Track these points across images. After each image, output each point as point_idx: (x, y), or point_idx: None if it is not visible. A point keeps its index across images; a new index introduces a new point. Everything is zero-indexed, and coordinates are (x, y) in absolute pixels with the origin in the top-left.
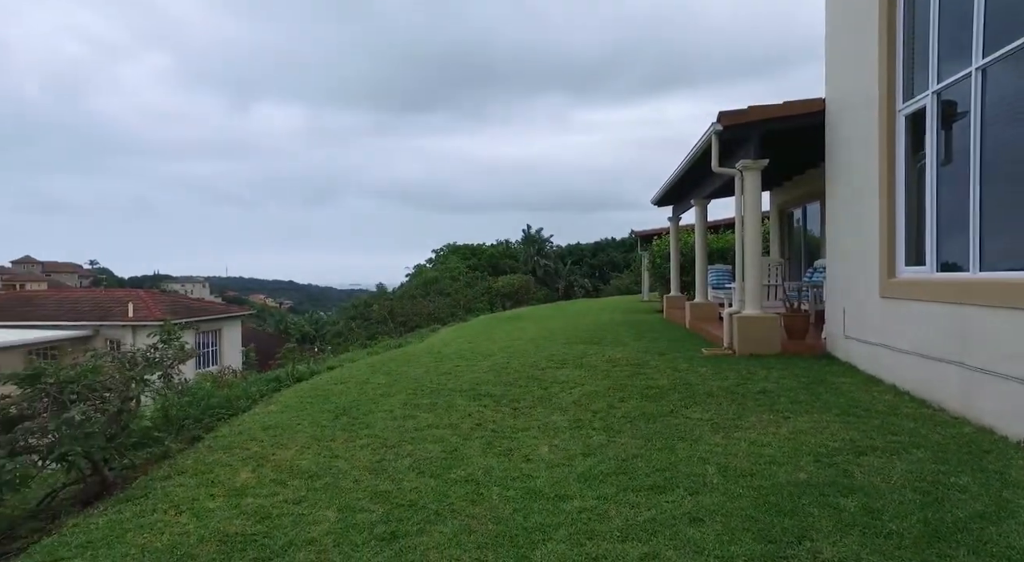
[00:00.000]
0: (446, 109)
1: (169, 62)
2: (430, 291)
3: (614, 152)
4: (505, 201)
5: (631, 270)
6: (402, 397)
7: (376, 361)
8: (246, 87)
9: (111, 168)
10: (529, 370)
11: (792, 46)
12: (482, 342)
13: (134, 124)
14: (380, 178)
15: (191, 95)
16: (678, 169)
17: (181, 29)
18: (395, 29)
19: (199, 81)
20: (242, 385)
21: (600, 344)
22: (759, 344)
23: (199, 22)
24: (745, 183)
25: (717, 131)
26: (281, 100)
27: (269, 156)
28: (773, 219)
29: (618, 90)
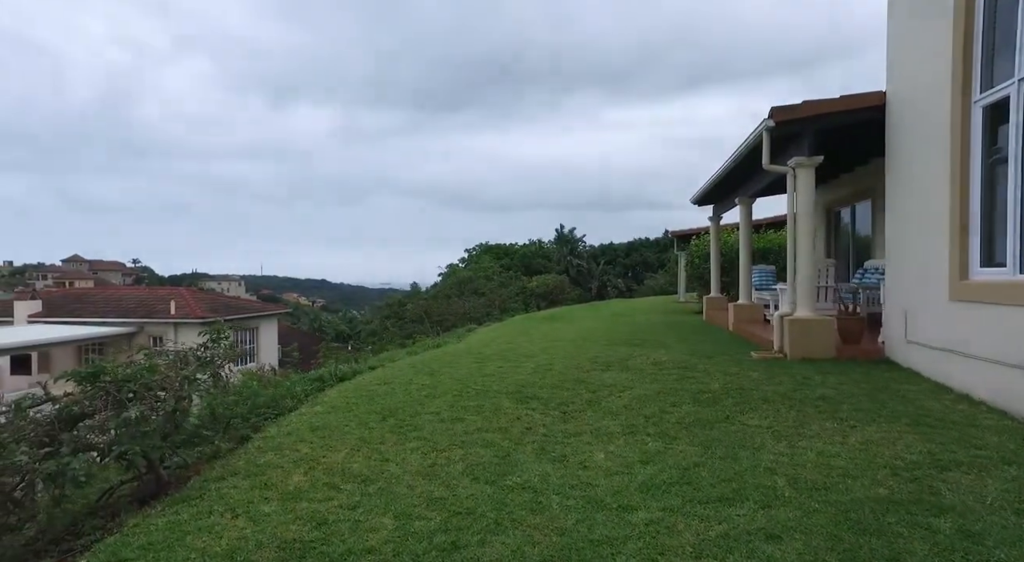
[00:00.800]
0: (477, 109)
1: (208, 66)
2: (464, 291)
3: (646, 151)
4: (536, 200)
5: (665, 270)
6: (448, 399)
7: (417, 361)
8: (282, 89)
9: (152, 170)
10: (574, 372)
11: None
12: (522, 343)
13: (175, 127)
14: (412, 178)
15: (230, 98)
16: (722, 167)
17: (219, 33)
18: (426, 30)
19: (237, 84)
20: (286, 384)
21: (642, 346)
22: (812, 348)
23: (237, 25)
24: (798, 181)
25: (769, 128)
26: (316, 102)
27: (304, 157)
28: (819, 218)
29: (649, 88)
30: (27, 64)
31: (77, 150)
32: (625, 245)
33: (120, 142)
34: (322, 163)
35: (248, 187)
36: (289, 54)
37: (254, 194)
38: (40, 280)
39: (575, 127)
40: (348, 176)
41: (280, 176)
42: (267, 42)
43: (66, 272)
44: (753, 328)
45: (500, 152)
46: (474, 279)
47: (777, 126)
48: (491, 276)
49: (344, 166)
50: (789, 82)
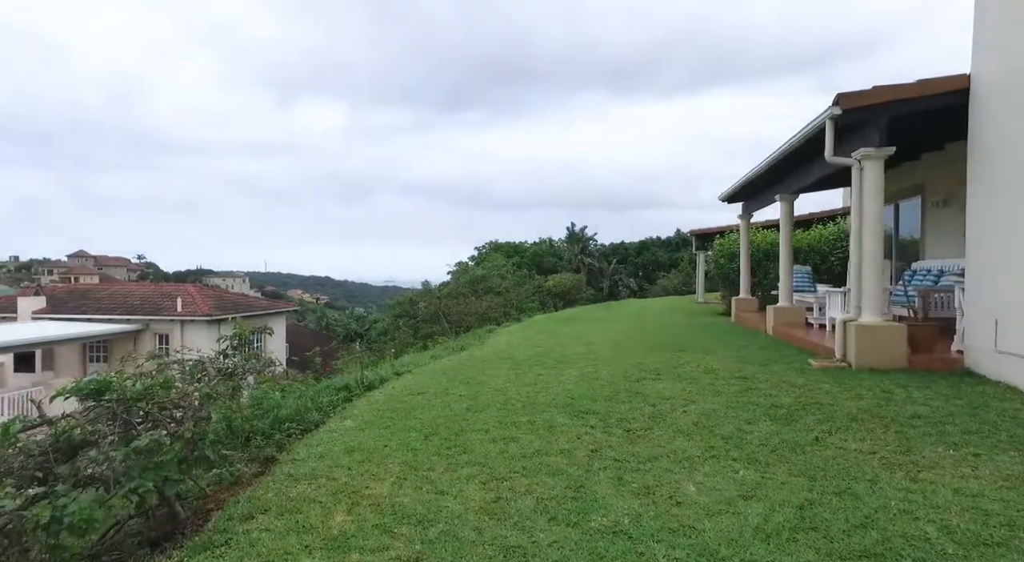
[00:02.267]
0: (485, 107)
1: (216, 62)
2: (478, 289)
3: (655, 150)
4: (543, 199)
5: (679, 270)
6: (493, 413)
7: (447, 367)
8: (289, 87)
9: (157, 166)
10: (623, 382)
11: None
12: (552, 347)
13: (181, 123)
14: (418, 175)
15: (237, 95)
16: (766, 161)
17: (227, 30)
18: (435, 28)
19: (245, 81)
20: (310, 393)
21: (684, 351)
22: (880, 357)
23: (245, 23)
24: (864, 175)
25: (834, 116)
26: (323, 99)
27: (310, 153)
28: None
29: (659, 87)
30: (34, 59)
31: (85, 146)
32: (636, 244)
33: (127, 138)
34: (328, 160)
35: (253, 184)
36: (297, 51)
37: (259, 191)
38: (46, 275)
39: (584, 125)
40: (353, 173)
41: (285, 173)
42: (276, 39)
43: (72, 268)
44: (795, 332)
45: (508, 150)
46: (488, 277)
47: (844, 114)
48: (505, 275)
49: (350, 163)
50: (800, 82)
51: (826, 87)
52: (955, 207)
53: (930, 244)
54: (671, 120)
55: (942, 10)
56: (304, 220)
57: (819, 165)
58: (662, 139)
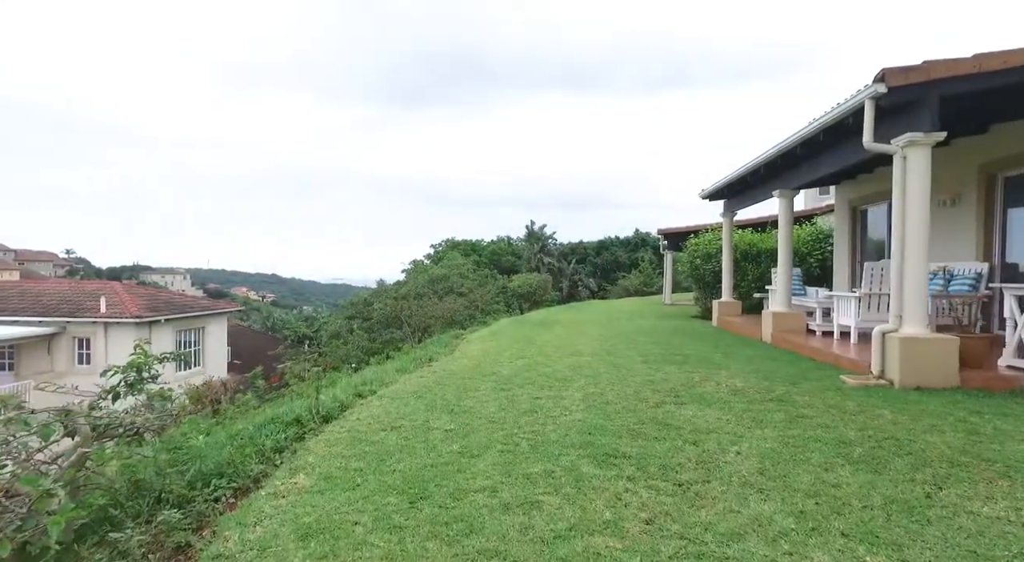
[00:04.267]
0: (441, 105)
1: (162, 48)
2: (438, 289)
3: (613, 150)
4: (500, 197)
5: (639, 270)
6: (494, 458)
7: (419, 386)
8: (241, 77)
9: (96, 157)
10: (641, 407)
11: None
12: (536, 358)
13: (123, 112)
14: (370, 171)
15: (182, 83)
16: (774, 150)
17: (177, 13)
18: (394, 24)
19: (192, 69)
20: (249, 429)
21: (688, 363)
22: (929, 374)
23: (189, 6)
24: (908, 165)
25: (878, 94)
26: (276, 92)
27: (259, 147)
28: (841, 218)
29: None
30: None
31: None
32: (595, 244)
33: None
34: (278, 154)
35: (199, 177)
36: (250, 41)
37: (205, 184)
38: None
39: (541, 125)
40: (303, 168)
41: (234, 166)
42: (227, 28)
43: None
44: (798, 339)
45: (464, 148)
46: (449, 277)
47: (890, 93)
48: (466, 274)
49: (300, 158)
50: (755, 89)
51: (780, 94)
52: (964, 207)
53: (932, 246)
54: (629, 121)
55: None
56: (251, 215)
57: (835, 156)
58: (620, 140)
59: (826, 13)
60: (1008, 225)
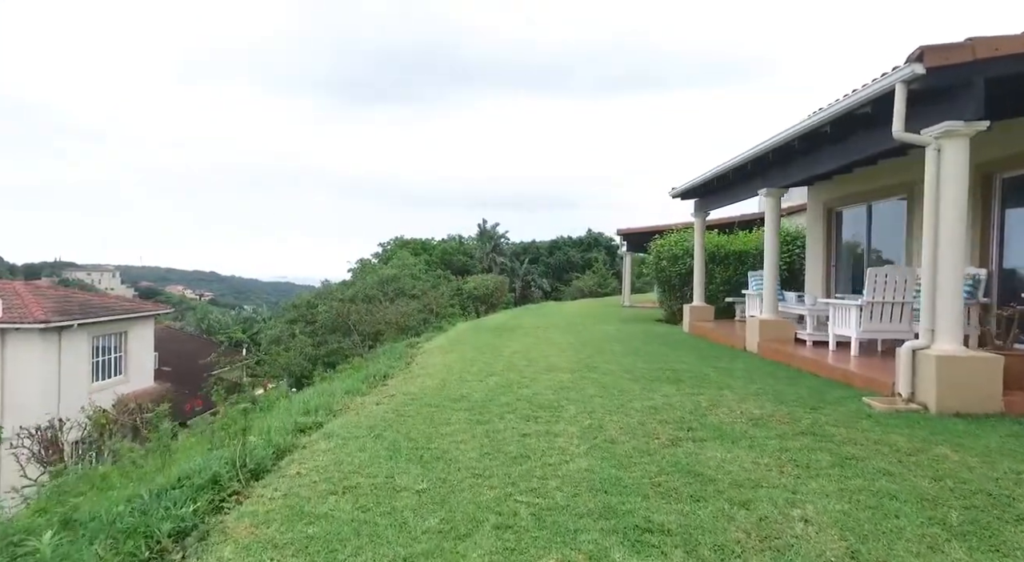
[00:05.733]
0: (390, 102)
1: (100, 29)
2: (388, 291)
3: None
4: (448, 196)
5: (593, 271)
6: (489, 541)
7: (376, 419)
8: (185, 65)
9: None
10: (652, 445)
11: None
12: (508, 374)
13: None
14: (318, 168)
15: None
16: (762, 147)
17: None
18: (348, 18)
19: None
20: (144, 495)
21: (684, 383)
22: (970, 398)
23: None
24: (943, 159)
25: (915, 76)
26: (224, 82)
27: (198, 140)
28: (815, 220)
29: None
30: None
31: None
32: (548, 243)
33: None
34: (221, 147)
35: (134, 169)
36: (194, 28)
37: (140, 177)
38: None
39: (491, 124)
40: (249, 163)
41: (172, 159)
42: (169, 12)
43: None
44: (789, 350)
45: (412, 146)
46: (400, 278)
47: (928, 74)
48: (418, 275)
49: (245, 152)
50: (711, 94)
51: (737, 99)
52: None
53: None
54: (580, 123)
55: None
56: (189, 210)
57: (842, 150)
58: (571, 141)
59: (786, 19)
60: (1006, 228)
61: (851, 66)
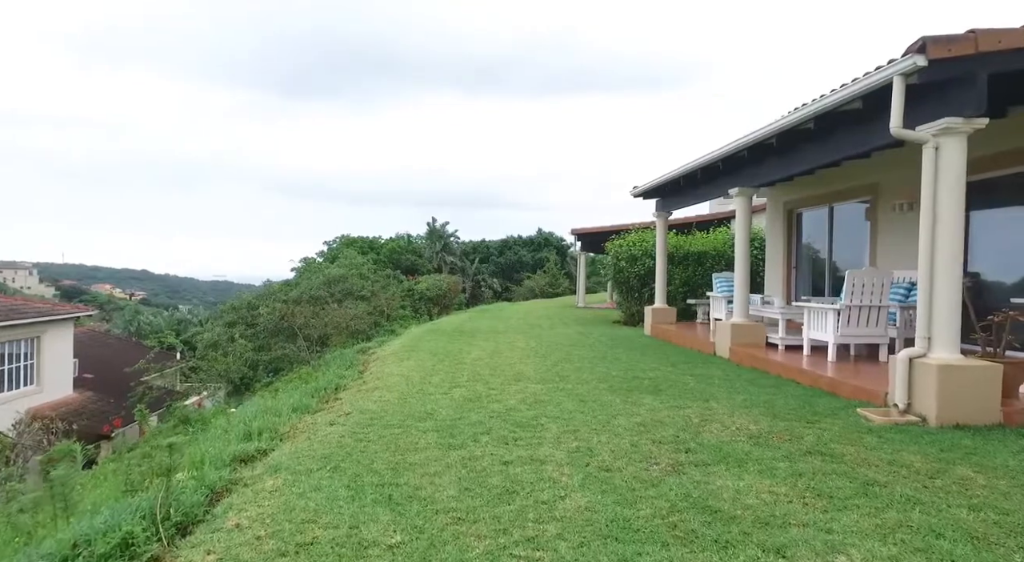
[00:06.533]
0: (335, 98)
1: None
2: (336, 292)
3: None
4: (396, 195)
5: (545, 271)
6: None
7: (331, 444)
8: (105, 49)
9: None
10: (656, 475)
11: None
12: (474, 385)
13: None
14: (257, 163)
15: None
16: (735, 145)
17: None
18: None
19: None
20: None
21: (664, 393)
22: (970, 409)
23: None
24: (941, 157)
25: (916, 68)
26: (145, 68)
27: (129, 130)
28: (775, 221)
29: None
30: None
31: None
32: (498, 243)
33: None
34: (151, 140)
35: (52, 160)
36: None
37: (60, 169)
38: None
39: (439, 122)
40: (181, 156)
41: (96, 151)
42: None
43: None
44: (762, 354)
45: (358, 143)
46: (348, 278)
47: (930, 67)
48: (367, 275)
49: (178, 145)
50: (652, 98)
51: (671, 106)
52: None
53: (883, 253)
54: (529, 123)
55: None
56: (118, 205)
57: (826, 148)
58: (519, 141)
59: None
60: (970, 232)
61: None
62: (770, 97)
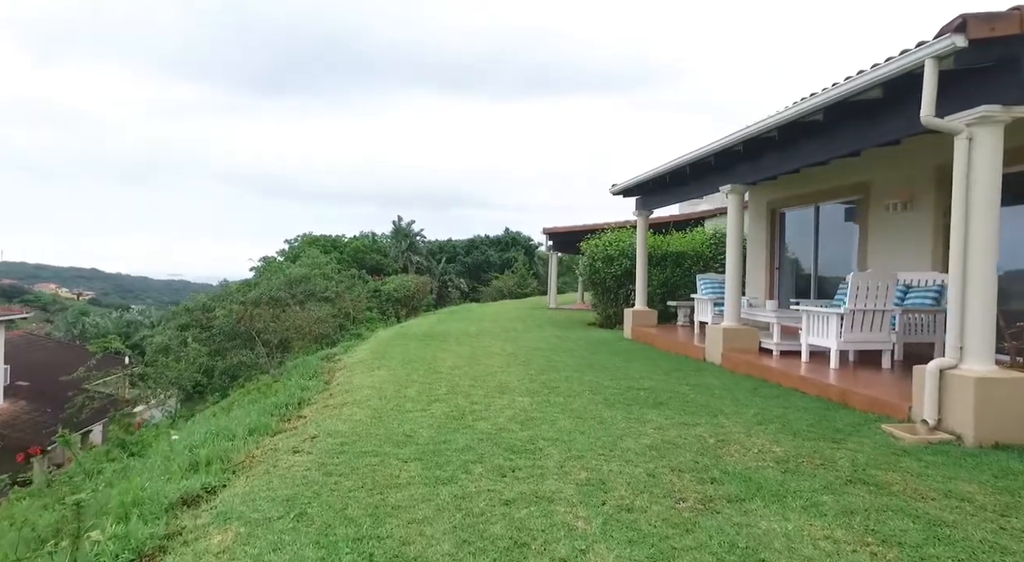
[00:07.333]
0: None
1: None
2: (297, 293)
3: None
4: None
5: (513, 271)
6: None
7: (293, 479)
8: (54, 39)
9: None
10: (688, 516)
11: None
12: (455, 398)
13: None
14: (217, 160)
15: None
16: (730, 140)
17: None
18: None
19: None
20: None
21: (668, 407)
22: (1010, 426)
23: None
24: (974, 148)
25: (953, 50)
26: (97, 60)
27: (76, 123)
28: (757, 221)
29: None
30: None
31: None
32: (465, 242)
33: None
34: (102, 133)
35: None
36: None
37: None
38: None
39: (403, 122)
40: (141, 152)
41: (40, 144)
42: None
43: None
44: (758, 361)
45: (322, 141)
46: (311, 278)
47: (970, 47)
48: (331, 275)
49: (131, 139)
50: (615, 101)
51: (636, 106)
52: (918, 212)
53: (874, 254)
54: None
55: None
56: (64, 201)
57: (835, 140)
58: (488, 140)
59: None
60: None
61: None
62: (740, 101)
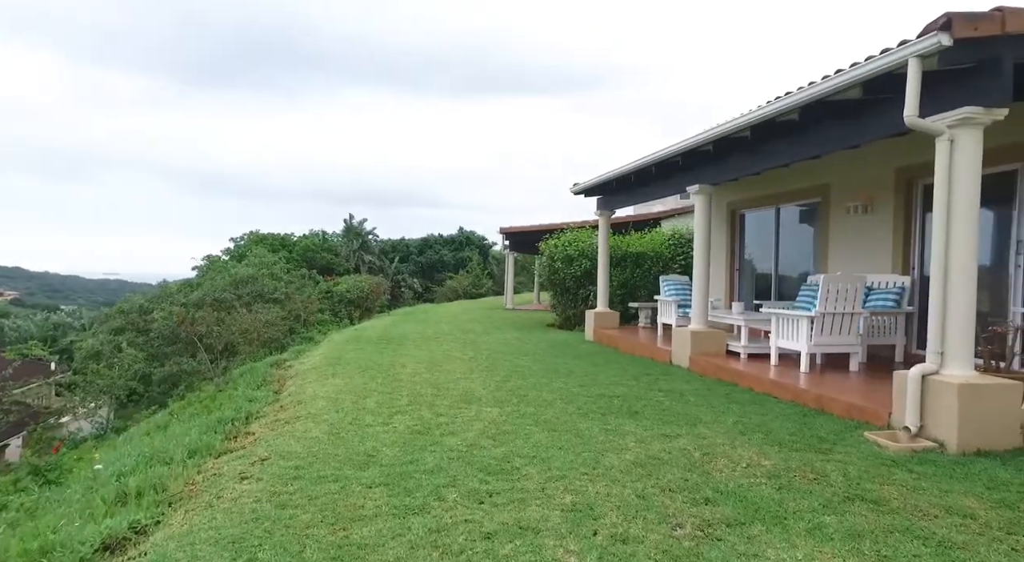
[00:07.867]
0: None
1: None
2: (243, 295)
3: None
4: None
5: (468, 271)
6: None
7: (239, 515)
8: None
9: None
10: (688, 546)
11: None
12: (419, 409)
13: None
14: (157, 154)
15: None
16: (700, 139)
17: None
18: None
19: None
20: None
21: (643, 417)
22: (992, 432)
23: None
24: (955, 151)
25: (936, 50)
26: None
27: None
28: (718, 222)
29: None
30: None
31: None
32: (418, 241)
33: None
34: (25, 123)
35: None
36: None
37: None
38: None
39: (355, 119)
40: (69, 143)
41: None
42: None
43: None
44: (727, 365)
45: (268, 137)
46: (258, 278)
47: (955, 47)
48: (279, 275)
49: (59, 130)
50: (561, 102)
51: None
52: (879, 215)
53: (834, 257)
54: (447, 122)
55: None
56: None
57: (800, 142)
58: (437, 140)
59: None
60: (927, 235)
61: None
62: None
